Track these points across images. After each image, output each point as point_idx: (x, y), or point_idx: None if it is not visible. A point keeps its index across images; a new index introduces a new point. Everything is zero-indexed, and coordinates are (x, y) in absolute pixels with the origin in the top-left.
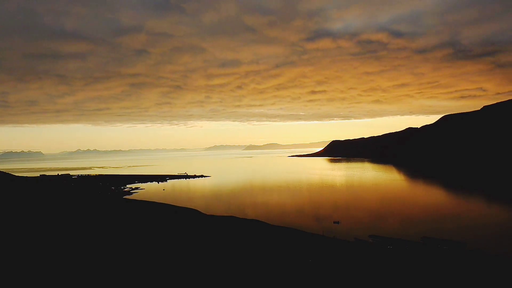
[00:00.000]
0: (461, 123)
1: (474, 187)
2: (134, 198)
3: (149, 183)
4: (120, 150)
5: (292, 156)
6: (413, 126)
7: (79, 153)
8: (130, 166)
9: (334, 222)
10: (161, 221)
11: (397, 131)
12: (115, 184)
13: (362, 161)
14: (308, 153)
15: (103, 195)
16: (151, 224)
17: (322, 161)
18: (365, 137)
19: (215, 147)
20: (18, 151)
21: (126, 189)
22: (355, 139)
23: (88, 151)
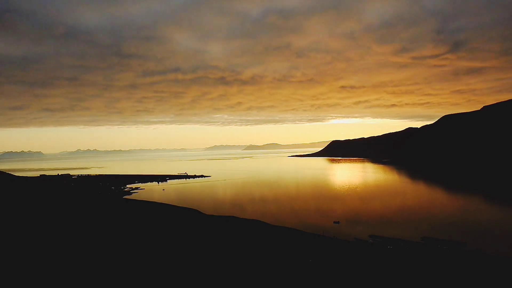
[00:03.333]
0: (461, 123)
1: (474, 187)
2: (134, 198)
3: (149, 183)
4: (120, 150)
5: (292, 156)
6: (413, 126)
7: (79, 153)
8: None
9: (334, 222)
10: (161, 221)
11: (397, 131)
12: (115, 184)
13: (362, 161)
14: (308, 153)
15: (103, 195)
16: (151, 224)
17: (322, 161)
18: (365, 137)
19: (215, 147)
20: (18, 151)
21: (126, 189)
22: (355, 139)
23: (88, 151)
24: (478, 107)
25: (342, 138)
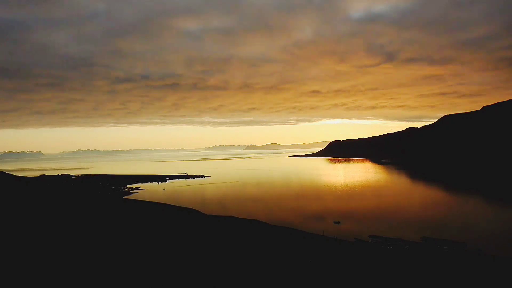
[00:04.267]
0: (461, 123)
1: (474, 187)
2: (134, 198)
3: (149, 183)
4: (120, 150)
5: (292, 156)
6: (413, 126)
7: (79, 153)
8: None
9: (334, 222)
10: (161, 221)
11: (397, 131)
12: (115, 184)
13: (362, 161)
14: (309, 153)
15: (103, 195)
16: (151, 224)
17: (322, 161)
18: (365, 137)
19: (215, 147)
20: (18, 151)
21: (126, 189)
22: (355, 139)
23: (88, 151)
24: (478, 107)
25: (342, 138)
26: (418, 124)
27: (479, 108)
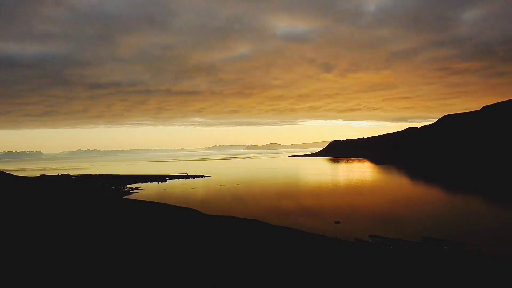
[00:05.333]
0: (461, 123)
1: (474, 187)
2: (134, 198)
3: (149, 183)
4: (120, 150)
5: (292, 156)
6: (413, 126)
7: (79, 153)
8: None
9: (334, 222)
10: (161, 221)
11: (397, 131)
12: (115, 184)
13: (362, 161)
14: (309, 153)
15: (103, 195)
16: (151, 224)
17: (322, 161)
18: (365, 137)
19: (215, 147)
20: (18, 151)
21: (126, 189)
22: (355, 139)
23: (88, 151)
24: (478, 107)
25: (342, 138)
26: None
27: (479, 108)
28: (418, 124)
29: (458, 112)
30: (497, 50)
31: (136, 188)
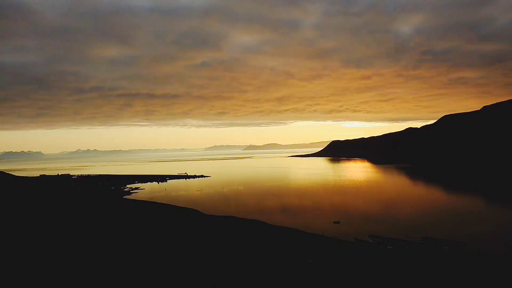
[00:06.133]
0: (461, 123)
1: (474, 187)
2: (134, 198)
3: (149, 183)
4: (120, 150)
5: (292, 156)
6: (413, 126)
7: (79, 153)
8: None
9: (334, 222)
10: (161, 221)
11: (397, 131)
12: (115, 184)
13: (362, 161)
14: (309, 153)
15: (103, 195)
16: (151, 224)
17: (322, 161)
18: (365, 137)
19: (215, 147)
20: (18, 151)
21: (126, 189)
22: (355, 139)
23: (88, 151)
24: (478, 107)
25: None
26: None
27: (479, 108)
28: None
29: (458, 112)
30: None
31: (136, 188)
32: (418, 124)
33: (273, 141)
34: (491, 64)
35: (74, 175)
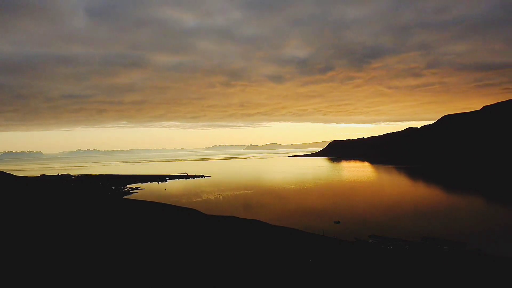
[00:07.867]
0: (461, 123)
1: (474, 187)
2: (134, 198)
3: (149, 183)
4: (120, 150)
5: (292, 156)
6: (413, 126)
7: (79, 153)
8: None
9: (334, 222)
10: (161, 221)
11: (397, 131)
12: (115, 184)
13: (362, 161)
14: (309, 153)
15: (103, 195)
16: (151, 224)
17: (323, 161)
18: (365, 137)
19: (215, 147)
20: (18, 151)
21: (126, 189)
22: (355, 139)
23: (88, 151)
24: (478, 107)
25: (342, 138)
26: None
27: (479, 108)
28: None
29: (458, 112)
30: None
31: (136, 188)
32: (418, 124)
33: (273, 141)
34: None
35: (74, 175)
